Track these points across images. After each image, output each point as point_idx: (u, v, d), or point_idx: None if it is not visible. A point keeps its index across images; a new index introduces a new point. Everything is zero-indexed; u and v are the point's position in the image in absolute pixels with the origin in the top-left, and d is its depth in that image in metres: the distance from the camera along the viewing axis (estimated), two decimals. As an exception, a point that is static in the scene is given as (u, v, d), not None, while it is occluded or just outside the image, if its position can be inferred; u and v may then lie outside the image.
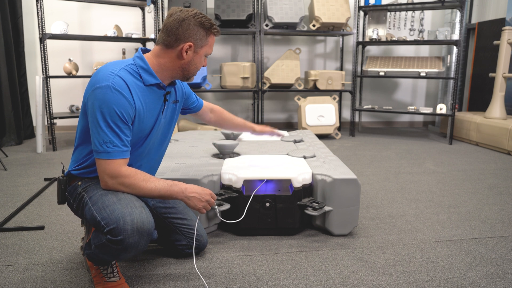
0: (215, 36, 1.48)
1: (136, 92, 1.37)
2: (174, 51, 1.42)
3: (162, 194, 1.40)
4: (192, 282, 1.51)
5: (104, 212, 1.30)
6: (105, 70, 1.35)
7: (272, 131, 2.02)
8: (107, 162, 1.32)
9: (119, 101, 1.31)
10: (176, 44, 1.40)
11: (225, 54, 5.07)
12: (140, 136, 1.44)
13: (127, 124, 1.35)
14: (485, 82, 4.84)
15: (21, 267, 1.62)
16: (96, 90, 1.31)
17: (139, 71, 1.40)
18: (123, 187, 1.36)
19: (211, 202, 1.49)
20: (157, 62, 1.43)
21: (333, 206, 1.87)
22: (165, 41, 1.41)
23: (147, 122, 1.43)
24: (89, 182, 1.44)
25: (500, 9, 4.72)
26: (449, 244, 1.87)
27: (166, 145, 1.63)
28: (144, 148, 1.49)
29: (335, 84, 4.60)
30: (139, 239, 1.29)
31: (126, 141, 1.35)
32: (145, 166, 1.54)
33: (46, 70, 3.75)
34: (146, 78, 1.40)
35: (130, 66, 1.39)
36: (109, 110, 1.30)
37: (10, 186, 2.69)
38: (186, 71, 1.46)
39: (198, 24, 1.40)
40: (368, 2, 4.67)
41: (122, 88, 1.32)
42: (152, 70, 1.41)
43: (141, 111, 1.39)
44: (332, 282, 1.52)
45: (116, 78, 1.32)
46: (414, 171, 3.17)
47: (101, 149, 1.31)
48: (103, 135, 1.31)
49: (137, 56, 1.43)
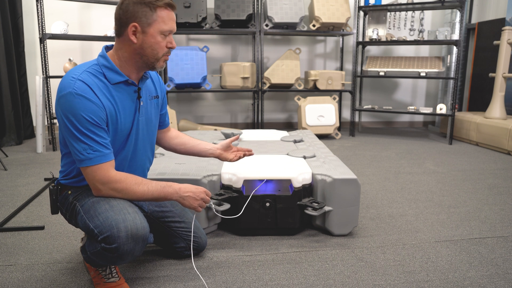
0: (168, 10, 1.33)
1: (102, 93, 1.30)
2: (125, 38, 1.33)
3: (155, 196, 1.37)
4: (191, 282, 1.51)
5: (97, 220, 1.27)
6: (67, 76, 1.29)
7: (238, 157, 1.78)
8: (93, 169, 1.28)
9: (85, 105, 1.25)
10: (122, 30, 1.32)
11: (225, 54, 5.07)
12: (119, 138, 1.39)
13: (100, 127, 1.29)
14: (485, 82, 4.84)
15: (21, 267, 1.62)
16: (60, 100, 1.27)
17: (103, 70, 1.33)
18: (116, 192, 1.33)
19: (206, 199, 1.45)
20: (117, 56, 1.36)
21: (333, 206, 1.87)
22: (116, 31, 1.34)
23: (123, 122, 1.37)
24: (79, 190, 1.41)
25: (500, 9, 4.72)
26: (449, 244, 1.87)
27: (152, 145, 1.57)
28: (127, 151, 1.43)
29: (335, 84, 4.60)
30: (134, 246, 1.27)
31: (105, 144, 1.30)
32: (133, 169, 1.49)
33: (46, 70, 3.75)
34: (111, 77, 1.33)
35: (92, 67, 1.33)
36: (77, 117, 1.25)
37: (10, 186, 2.69)
38: (145, 57, 1.34)
39: (137, 1, 1.29)
40: (368, 2, 4.67)
41: (85, 92, 1.26)
42: (115, 67, 1.34)
43: (112, 112, 1.33)
44: (332, 282, 1.52)
45: (77, 83, 1.26)
46: (414, 171, 3.17)
47: (82, 157, 1.27)
48: (80, 143, 1.27)
49: (100, 55, 1.36)
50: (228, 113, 5.23)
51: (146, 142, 1.52)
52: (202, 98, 5.14)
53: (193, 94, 5.06)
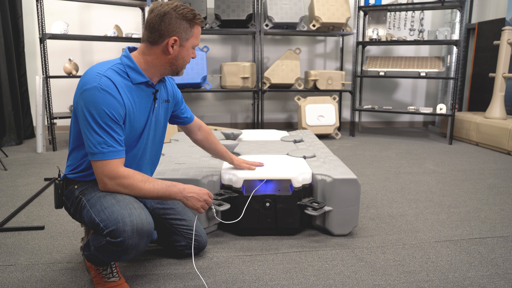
0: (200, 27, 1.45)
1: (124, 91, 1.36)
2: (160, 47, 1.40)
3: (160, 194, 1.39)
4: (192, 282, 1.51)
5: (103, 214, 1.29)
6: (92, 71, 1.33)
7: (249, 167, 1.95)
8: (103, 163, 1.32)
9: (108, 101, 1.30)
10: (161, 40, 1.38)
11: (225, 54, 5.07)
12: (133, 136, 1.43)
13: (118, 124, 1.34)
14: (485, 82, 4.84)
15: (21, 267, 1.62)
16: (84, 92, 1.30)
17: (126, 70, 1.38)
18: (122, 188, 1.35)
19: (208, 201, 1.49)
20: (144, 59, 1.41)
21: (333, 206, 1.87)
22: (150, 38, 1.39)
23: (138, 121, 1.42)
24: (86, 185, 1.43)
25: (500, 9, 4.72)
26: (449, 244, 1.87)
27: (161, 145, 1.62)
28: (138, 149, 1.48)
29: (335, 84, 4.60)
30: (139, 240, 1.29)
31: (120, 141, 1.34)
32: (141, 168, 1.53)
33: (46, 70, 3.75)
34: (134, 77, 1.39)
35: (117, 65, 1.38)
36: (99, 111, 1.29)
37: (10, 186, 2.69)
38: (174, 66, 1.44)
39: (180, 16, 1.37)
40: (368, 2, 4.67)
41: (109, 88, 1.31)
42: (139, 68, 1.40)
43: (131, 110, 1.38)
44: (332, 282, 1.52)
45: (103, 79, 1.31)
46: (414, 171, 3.17)
47: (96, 151, 1.30)
48: (96, 136, 1.30)
49: (124, 55, 1.41)
50: (228, 113, 5.23)
51: (155, 142, 1.57)
52: (202, 98, 5.14)
53: (193, 94, 5.06)
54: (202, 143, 1.87)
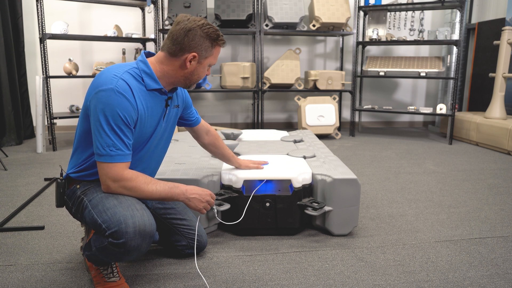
0: (220, 48, 1.47)
1: (138, 96, 1.36)
2: (178, 60, 1.40)
3: (163, 196, 1.40)
4: (192, 282, 1.51)
5: (105, 215, 1.29)
6: (108, 72, 1.34)
7: (258, 167, 1.97)
8: (109, 166, 1.32)
9: (123, 104, 1.30)
10: (180, 54, 1.39)
11: (225, 54, 5.07)
12: (141, 140, 1.44)
13: (129, 128, 1.34)
14: (485, 82, 4.84)
15: (21, 267, 1.62)
16: (100, 93, 1.30)
17: (142, 75, 1.39)
18: (125, 190, 1.35)
19: (211, 202, 1.49)
20: (160, 68, 1.42)
21: (333, 206, 1.87)
22: (170, 49, 1.40)
23: (148, 126, 1.43)
24: (88, 185, 1.43)
25: (500, 9, 4.72)
26: (449, 244, 1.87)
27: (166, 149, 1.64)
28: (145, 152, 1.48)
29: (335, 84, 4.60)
30: (141, 242, 1.29)
31: (129, 145, 1.35)
32: (146, 170, 1.53)
33: (46, 70, 3.75)
34: (149, 83, 1.40)
35: (133, 69, 1.38)
36: (113, 113, 1.29)
37: (10, 186, 2.69)
38: (188, 80, 1.46)
39: (204, 35, 1.39)
40: (368, 2, 4.67)
41: (125, 91, 1.31)
42: (154, 75, 1.41)
43: (143, 115, 1.39)
44: (332, 282, 1.53)
45: (120, 81, 1.31)
46: (414, 171, 3.17)
47: (104, 152, 1.30)
48: (106, 138, 1.30)
49: (140, 60, 1.42)
50: (228, 113, 5.23)
51: (161, 147, 1.58)
52: (202, 98, 5.14)
53: (193, 94, 5.06)
54: (209, 147, 1.88)
